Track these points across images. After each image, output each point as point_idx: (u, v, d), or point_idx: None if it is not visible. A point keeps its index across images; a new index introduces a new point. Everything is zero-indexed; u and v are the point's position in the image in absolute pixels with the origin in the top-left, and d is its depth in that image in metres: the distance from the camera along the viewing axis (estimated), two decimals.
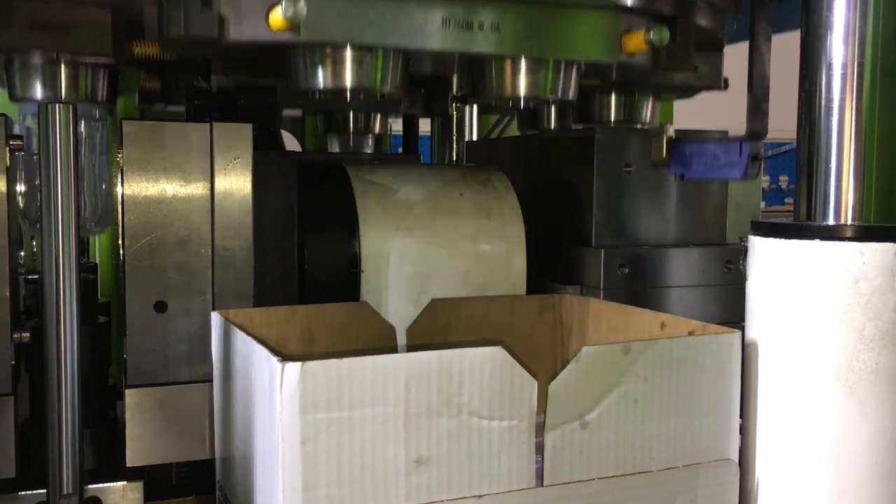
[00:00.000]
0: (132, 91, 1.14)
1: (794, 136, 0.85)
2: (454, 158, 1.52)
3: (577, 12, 0.82)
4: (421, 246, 1.09)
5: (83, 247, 1.27)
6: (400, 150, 2.18)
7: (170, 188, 0.95)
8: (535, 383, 0.74)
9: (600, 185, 1.13)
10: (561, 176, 1.22)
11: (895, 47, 0.80)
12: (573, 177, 1.18)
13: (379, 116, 1.57)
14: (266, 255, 1.00)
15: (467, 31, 0.78)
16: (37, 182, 0.86)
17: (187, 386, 0.95)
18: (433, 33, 0.77)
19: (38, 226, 0.87)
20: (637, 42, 0.83)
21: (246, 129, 0.97)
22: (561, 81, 0.88)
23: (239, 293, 0.97)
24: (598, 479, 0.77)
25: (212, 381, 0.93)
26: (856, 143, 0.80)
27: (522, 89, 0.88)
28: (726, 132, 1.07)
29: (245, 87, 1.11)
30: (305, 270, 1.10)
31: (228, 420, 0.85)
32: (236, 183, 0.96)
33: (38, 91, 0.95)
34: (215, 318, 0.89)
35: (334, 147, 1.60)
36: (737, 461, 0.83)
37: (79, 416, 0.86)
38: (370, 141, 1.60)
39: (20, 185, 1.04)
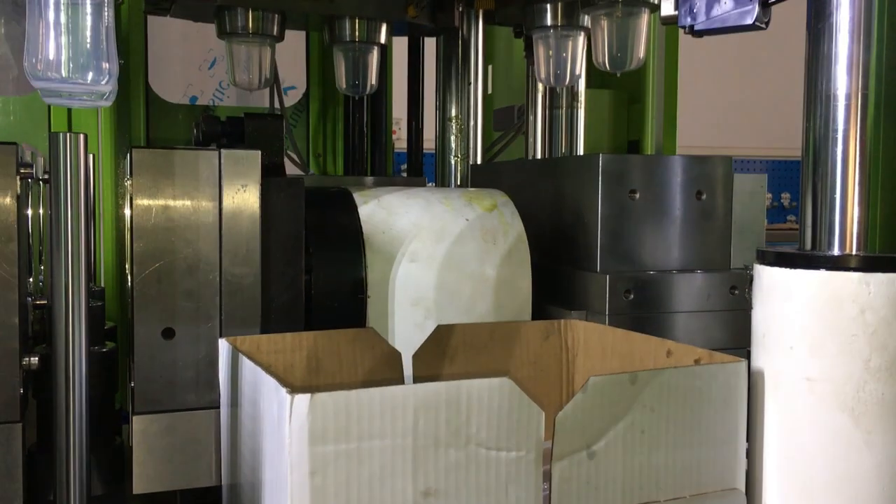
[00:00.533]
0: None
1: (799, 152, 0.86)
2: (458, 183, 1.52)
3: None
4: (426, 271, 1.09)
5: (90, 271, 1.28)
6: (404, 167, 2.19)
7: (178, 215, 0.95)
8: (543, 414, 0.74)
9: (605, 211, 1.14)
10: (566, 200, 1.22)
11: None
12: (578, 201, 1.18)
13: (384, 27, 1.52)
14: (273, 281, 1.00)
15: None
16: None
17: (194, 413, 0.95)
18: None
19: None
20: None
21: (254, 157, 0.98)
22: None
23: (246, 319, 0.97)
24: None
25: (219, 407, 0.94)
26: (860, 174, 0.81)
27: None
28: None
29: (253, 115, 1.12)
30: (312, 296, 1.10)
31: (236, 447, 0.85)
32: (244, 210, 0.97)
33: None
34: (223, 346, 0.90)
35: (340, 63, 1.56)
36: (744, 490, 0.83)
37: (87, 442, 0.86)
38: (375, 53, 1.54)
39: (40, 208, 1.05)
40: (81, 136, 0.85)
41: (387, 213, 1.13)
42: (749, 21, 0.94)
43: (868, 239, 0.81)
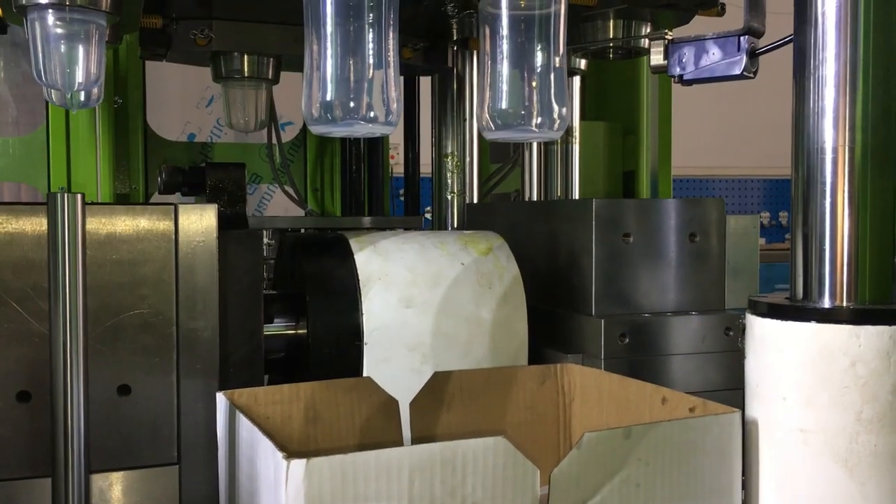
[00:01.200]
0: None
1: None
2: (455, 224, 1.53)
3: None
4: (423, 317, 1.10)
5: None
6: (402, 192, 2.20)
7: (135, 271, 0.95)
8: (538, 472, 0.75)
9: (600, 254, 1.15)
10: (561, 243, 1.23)
11: (885, 131, 0.82)
12: (573, 245, 1.19)
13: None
14: (232, 334, 1.01)
15: None
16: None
17: (152, 470, 0.95)
18: None
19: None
20: None
21: (210, 211, 0.98)
22: None
23: (205, 373, 0.97)
24: None
25: (177, 464, 0.94)
26: (849, 226, 0.82)
27: None
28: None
29: (214, 165, 1.13)
30: (309, 344, 1.11)
31: None
32: (201, 264, 0.97)
33: None
34: (220, 400, 0.90)
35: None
36: None
37: (87, 499, 0.86)
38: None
39: None
40: (79, 197, 0.86)
41: (382, 259, 1.14)
42: (737, 71, 0.96)
43: (858, 290, 0.82)
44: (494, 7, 0.88)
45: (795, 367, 0.81)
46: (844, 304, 0.82)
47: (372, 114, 0.82)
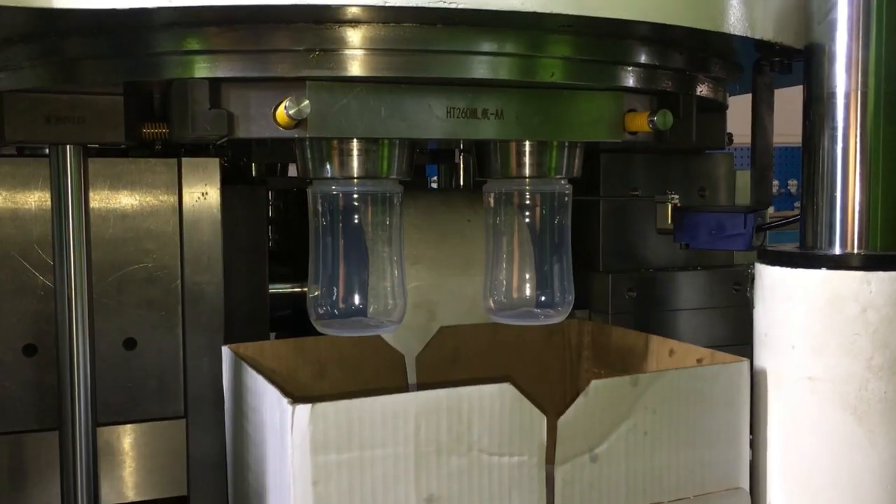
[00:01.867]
0: None
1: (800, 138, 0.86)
2: (461, 183, 1.52)
3: (580, 95, 0.82)
4: (429, 274, 1.09)
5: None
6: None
7: (138, 225, 0.94)
8: (545, 418, 0.75)
9: (607, 209, 1.14)
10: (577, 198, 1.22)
11: None
12: (580, 200, 1.18)
13: None
14: (237, 289, 1.00)
15: (471, 118, 0.78)
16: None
17: (158, 423, 0.95)
18: (438, 123, 0.77)
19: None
20: (640, 123, 0.83)
21: (213, 164, 0.97)
22: (565, 161, 0.88)
23: (210, 327, 0.96)
24: None
25: (183, 417, 0.94)
26: (861, 173, 0.80)
27: (528, 170, 0.88)
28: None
29: None
30: None
31: (241, 456, 0.86)
32: (205, 218, 0.96)
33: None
34: (226, 353, 0.90)
35: None
36: (748, 489, 0.83)
37: (94, 452, 0.87)
38: None
39: None
40: (81, 149, 0.85)
41: None
42: (742, 247, 0.97)
43: (869, 237, 0.81)
44: (497, 207, 0.91)
45: (805, 315, 0.80)
46: (856, 250, 0.81)
47: (379, 315, 0.88)
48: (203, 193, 0.96)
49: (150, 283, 0.94)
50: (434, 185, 1.91)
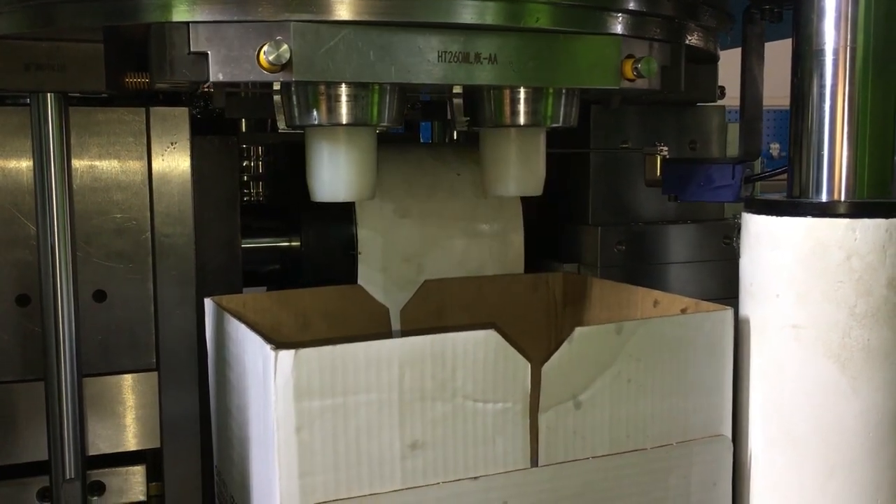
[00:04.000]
0: None
1: (787, 101, 0.85)
2: (454, 137, 1.51)
3: (576, 39, 0.79)
4: (418, 227, 1.09)
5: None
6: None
7: (106, 175, 0.93)
8: (529, 365, 0.75)
9: (596, 162, 1.13)
10: (557, 151, 1.21)
11: (887, 32, 0.80)
12: (569, 153, 1.17)
13: None
14: (209, 242, 0.99)
15: (464, 62, 0.75)
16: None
17: (129, 375, 0.95)
18: (429, 67, 0.74)
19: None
20: (626, 71, 0.81)
21: (182, 114, 0.95)
22: (562, 108, 0.86)
23: (181, 280, 0.95)
24: (593, 458, 0.78)
25: (154, 370, 0.94)
26: (849, 127, 0.80)
27: (522, 118, 0.86)
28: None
29: None
30: (303, 253, 1.10)
31: (224, 406, 0.86)
32: (174, 169, 0.95)
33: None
34: (208, 305, 0.90)
35: None
36: (730, 436, 0.84)
37: (79, 402, 0.87)
38: None
39: None
40: (61, 97, 0.84)
41: (377, 169, 1.12)
42: (731, 198, 0.97)
43: (856, 186, 0.81)
44: None
45: (789, 264, 0.80)
46: (842, 199, 0.80)
47: None
48: (172, 143, 0.94)
49: (120, 235, 0.93)
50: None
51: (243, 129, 1.37)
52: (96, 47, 0.82)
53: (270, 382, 0.68)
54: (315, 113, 0.79)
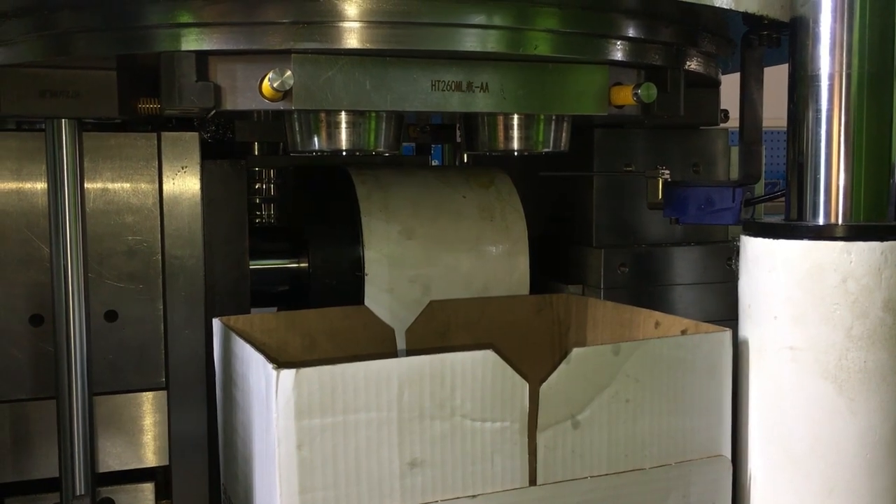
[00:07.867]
0: None
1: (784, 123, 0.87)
2: (464, 160, 1.53)
3: (565, 68, 0.83)
4: (424, 249, 1.11)
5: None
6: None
7: (118, 198, 0.96)
8: (527, 385, 0.76)
9: (600, 185, 1.15)
10: (562, 175, 1.23)
11: (881, 57, 0.81)
12: (573, 175, 1.19)
13: None
14: (217, 263, 1.01)
15: (457, 91, 0.79)
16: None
17: (139, 394, 0.97)
18: (423, 96, 0.78)
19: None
20: (625, 97, 0.84)
21: (192, 139, 0.98)
22: (552, 134, 0.90)
23: (191, 301, 0.98)
24: (591, 477, 0.79)
25: (164, 389, 0.96)
26: (845, 153, 0.81)
27: (515, 143, 0.89)
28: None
29: None
30: (311, 274, 1.12)
31: (230, 423, 0.88)
32: (185, 192, 0.97)
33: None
34: (216, 325, 0.92)
35: None
36: (729, 457, 0.85)
37: (90, 419, 0.89)
38: None
39: None
40: (75, 123, 0.87)
41: (384, 191, 1.14)
42: (731, 221, 0.98)
43: (853, 210, 0.82)
44: None
45: (787, 286, 0.81)
46: (839, 222, 0.81)
47: None
48: (183, 167, 0.97)
49: (131, 257, 0.96)
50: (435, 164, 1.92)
51: (256, 153, 1.40)
52: (109, 75, 0.85)
53: (272, 401, 0.70)
54: (316, 139, 0.82)
